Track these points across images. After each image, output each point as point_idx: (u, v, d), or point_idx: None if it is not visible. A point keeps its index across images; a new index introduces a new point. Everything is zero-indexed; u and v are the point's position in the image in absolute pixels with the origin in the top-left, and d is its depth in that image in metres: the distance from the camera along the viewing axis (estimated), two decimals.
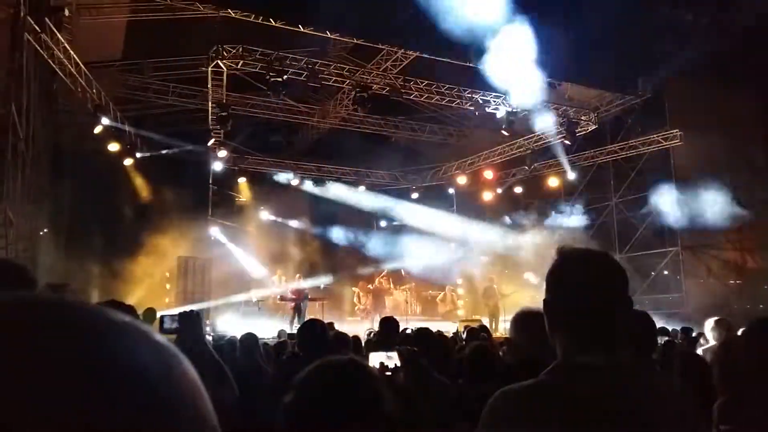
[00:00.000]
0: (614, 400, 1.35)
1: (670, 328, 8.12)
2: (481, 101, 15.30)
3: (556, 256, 1.50)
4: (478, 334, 5.91)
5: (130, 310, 3.11)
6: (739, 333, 2.06)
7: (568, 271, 1.48)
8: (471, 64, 14.03)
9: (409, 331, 5.66)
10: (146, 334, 0.45)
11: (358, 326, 14.08)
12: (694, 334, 7.29)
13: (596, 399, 1.35)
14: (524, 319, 2.67)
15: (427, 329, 4.72)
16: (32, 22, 10.93)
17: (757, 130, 15.65)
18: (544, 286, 1.51)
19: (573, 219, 18.56)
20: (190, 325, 2.88)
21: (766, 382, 1.84)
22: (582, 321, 1.45)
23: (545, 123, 16.27)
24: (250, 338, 5.73)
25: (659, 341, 4.37)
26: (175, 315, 3.23)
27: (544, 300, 1.51)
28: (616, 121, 17.50)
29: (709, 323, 5.46)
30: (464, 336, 6.38)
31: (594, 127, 17.03)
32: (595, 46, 13.04)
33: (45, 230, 13.60)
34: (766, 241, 16.64)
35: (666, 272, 16.34)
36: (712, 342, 5.28)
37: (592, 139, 17.66)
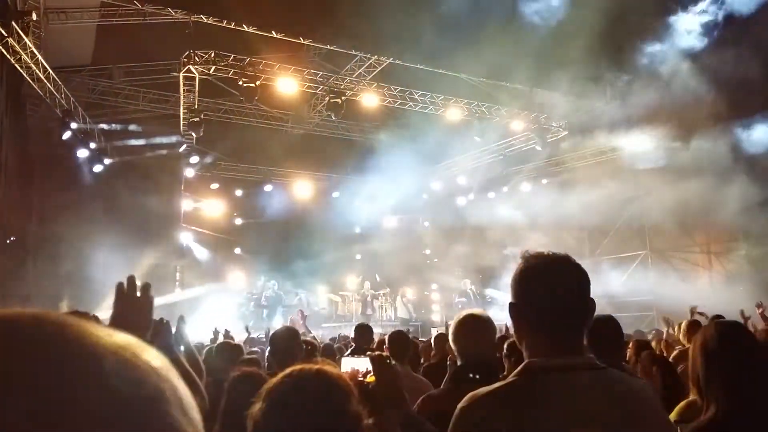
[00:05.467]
0: (585, 399, 1.38)
1: (638, 330, 8.28)
2: (453, 108, 15.42)
3: (521, 260, 1.53)
4: None
5: (96, 321, 3.03)
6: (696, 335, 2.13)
7: (534, 275, 1.51)
8: (444, 71, 14.13)
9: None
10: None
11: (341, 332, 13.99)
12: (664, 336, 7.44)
13: (568, 398, 1.37)
14: (469, 324, 2.73)
15: (401, 332, 4.73)
16: None
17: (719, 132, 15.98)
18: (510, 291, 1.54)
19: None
20: (156, 334, 2.81)
21: (722, 382, 1.90)
22: (550, 323, 1.48)
23: (517, 129, 16.52)
24: (228, 346, 5.67)
25: (627, 343, 4.46)
26: None
27: (511, 303, 1.53)
28: (585, 126, 17.68)
29: (683, 326, 5.62)
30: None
31: (564, 133, 17.23)
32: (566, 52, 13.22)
33: (12, 238, 13.33)
34: (733, 244, 17.01)
35: (635, 275, 16.58)
36: (686, 344, 5.41)
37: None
